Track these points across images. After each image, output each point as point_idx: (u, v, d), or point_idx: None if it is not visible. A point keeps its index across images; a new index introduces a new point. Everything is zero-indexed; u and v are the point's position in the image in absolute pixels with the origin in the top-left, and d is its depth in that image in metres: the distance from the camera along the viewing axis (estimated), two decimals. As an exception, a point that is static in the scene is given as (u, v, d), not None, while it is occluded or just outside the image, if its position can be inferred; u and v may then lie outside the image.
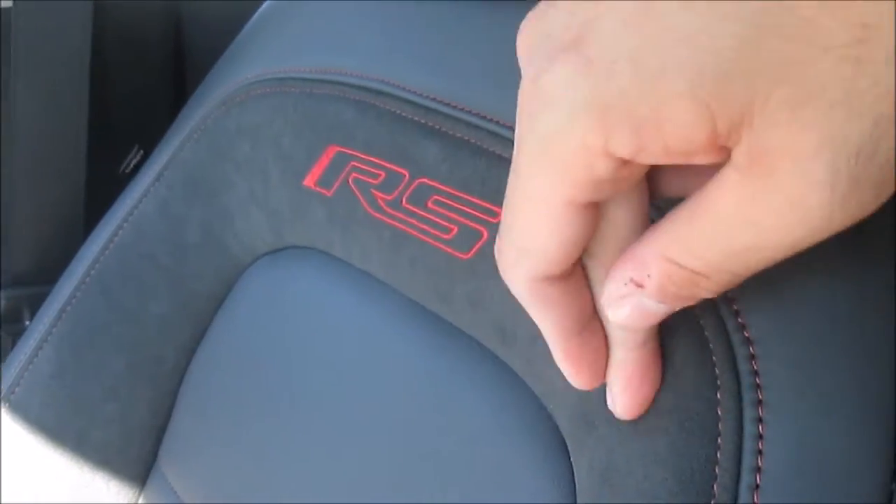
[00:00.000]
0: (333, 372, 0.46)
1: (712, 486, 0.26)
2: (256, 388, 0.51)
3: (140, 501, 0.58)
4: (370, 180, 0.43)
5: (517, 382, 0.37)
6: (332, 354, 0.47)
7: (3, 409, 0.56)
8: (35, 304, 0.62)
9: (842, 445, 0.24)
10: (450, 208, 0.38)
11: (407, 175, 0.41)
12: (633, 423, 0.29)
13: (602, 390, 0.31)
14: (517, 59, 0.22)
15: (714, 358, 0.27)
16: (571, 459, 0.34)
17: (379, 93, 0.44)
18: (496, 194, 0.36)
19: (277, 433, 0.48)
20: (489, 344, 0.38)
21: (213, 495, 0.52)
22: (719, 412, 0.26)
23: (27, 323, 0.70)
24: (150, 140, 0.60)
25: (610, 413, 0.31)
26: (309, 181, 0.48)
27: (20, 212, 0.63)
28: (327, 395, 0.46)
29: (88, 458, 0.56)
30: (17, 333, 0.67)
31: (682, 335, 0.28)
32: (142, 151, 0.62)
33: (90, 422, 0.56)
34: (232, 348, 0.54)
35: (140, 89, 0.65)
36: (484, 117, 0.38)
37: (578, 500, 0.33)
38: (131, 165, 0.63)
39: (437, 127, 0.40)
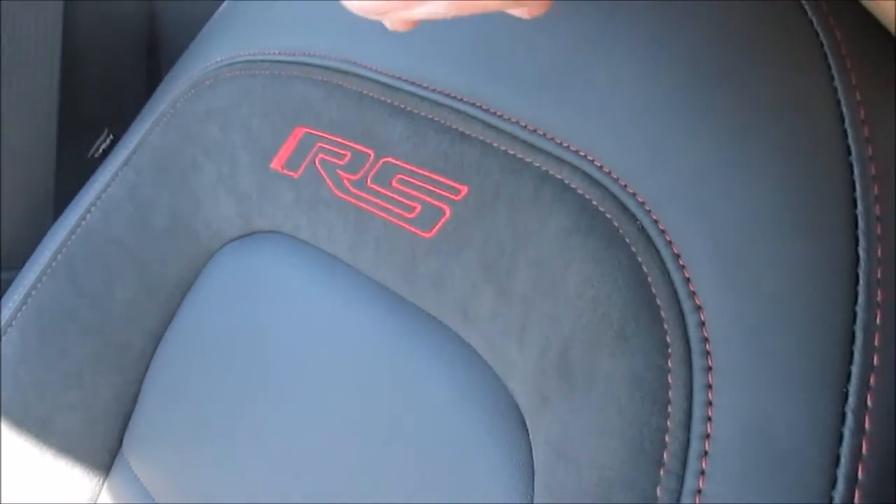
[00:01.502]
0: (300, 356, 0.46)
1: (662, 455, 0.26)
2: (223, 374, 0.51)
3: (104, 489, 0.57)
4: (336, 161, 0.43)
5: (479, 362, 0.37)
6: (299, 338, 0.46)
7: (-35, 395, 0.55)
8: (2, 290, 0.62)
9: (792, 413, 0.24)
10: (413, 186, 0.38)
11: (372, 154, 0.41)
12: (586, 394, 0.29)
13: (557, 362, 0.31)
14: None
15: (665, 326, 0.27)
16: (530, 437, 0.34)
17: (346, 73, 0.44)
18: (459, 171, 0.36)
19: (244, 418, 0.48)
20: (451, 324, 0.38)
21: (176, 482, 0.51)
22: (670, 380, 0.26)
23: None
24: (120, 124, 0.60)
25: (564, 386, 0.30)
26: (276, 164, 0.47)
27: (-12, 197, 0.62)
28: (294, 379, 0.46)
29: (52, 445, 0.56)
30: (-16, 320, 0.66)
31: (632, 304, 0.28)
32: (111, 136, 0.62)
33: (54, 408, 0.56)
34: (199, 334, 0.53)
35: (111, 74, 0.64)
36: (448, 95, 0.38)
37: (536, 477, 0.33)
38: (101, 150, 0.62)
39: (402, 106, 0.40)
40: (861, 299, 0.24)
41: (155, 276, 0.55)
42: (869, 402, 0.24)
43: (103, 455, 0.57)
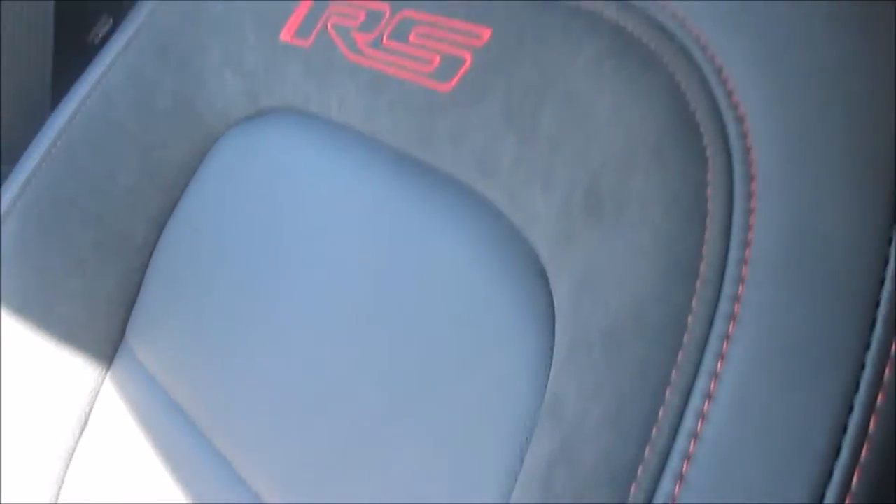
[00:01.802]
0: (312, 233, 0.45)
1: (699, 266, 0.25)
2: (230, 259, 0.50)
3: (106, 379, 0.56)
4: (350, 22, 0.42)
5: (497, 217, 0.36)
6: (309, 216, 0.45)
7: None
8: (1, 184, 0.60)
9: (836, 215, 0.23)
10: (432, 38, 0.37)
11: (388, 10, 0.39)
12: (616, 220, 0.28)
13: (584, 199, 0.30)
14: None
15: (705, 140, 0.26)
16: (550, 287, 0.33)
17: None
18: (481, 14, 0.35)
19: (253, 303, 0.47)
20: (470, 180, 0.37)
21: (183, 369, 0.51)
22: (709, 192, 0.25)
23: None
24: (119, 8, 0.58)
25: (592, 219, 0.30)
26: (286, 34, 0.46)
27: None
28: (306, 259, 0.45)
29: (53, 333, 0.55)
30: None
31: (669, 123, 0.27)
32: (111, 20, 0.60)
33: (55, 296, 0.55)
34: (203, 219, 0.52)
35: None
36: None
37: (557, 322, 0.32)
38: (100, 35, 0.60)
39: (421, -43, 0.38)
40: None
41: (157, 161, 0.54)
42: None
43: (106, 345, 0.56)
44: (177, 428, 0.49)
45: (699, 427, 0.24)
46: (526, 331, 0.34)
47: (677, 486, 0.24)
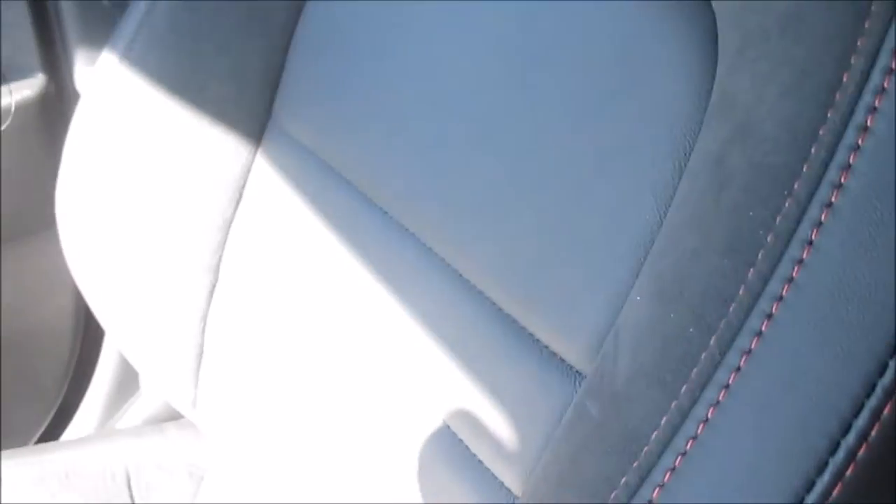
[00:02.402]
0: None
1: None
2: (370, 25, 0.52)
3: (257, 156, 0.60)
4: None
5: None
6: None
7: (123, 67, 0.58)
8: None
9: None
10: None
11: None
12: None
13: None
14: None
15: None
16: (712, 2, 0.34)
17: None
18: None
19: (399, 57, 0.49)
20: None
21: (332, 133, 0.54)
22: None
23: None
24: None
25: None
26: None
27: None
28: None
29: (207, 113, 0.59)
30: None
31: None
32: None
33: (207, 77, 0.58)
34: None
35: None
36: None
37: (721, 35, 0.33)
38: None
39: None
40: None
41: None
42: None
43: (256, 122, 0.60)
44: (331, 188, 0.53)
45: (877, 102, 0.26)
46: (686, 49, 0.35)
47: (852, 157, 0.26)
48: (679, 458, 0.25)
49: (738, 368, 0.25)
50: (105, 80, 0.59)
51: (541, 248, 0.39)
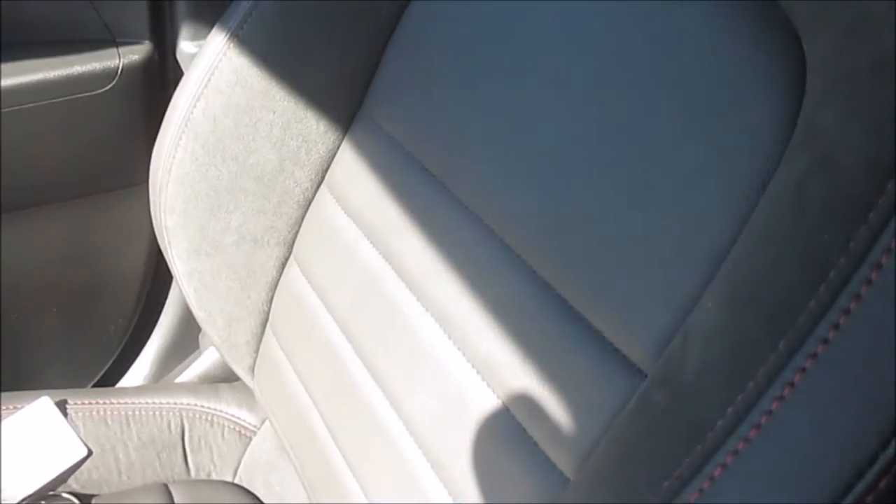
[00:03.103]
0: None
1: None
2: (469, 30, 0.55)
3: (344, 142, 0.64)
4: None
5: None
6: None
7: (231, 44, 0.62)
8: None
9: None
10: None
11: None
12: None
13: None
14: None
15: None
16: (805, 49, 0.37)
17: None
18: None
19: (490, 61, 0.53)
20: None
21: (420, 126, 0.58)
22: None
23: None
24: None
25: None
26: None
27: None
28: (546, 17, 0.50)
29: (302, 95, 0.63)
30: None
31: None
32: None
33: (307, 62, 0.62)
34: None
35: None
36: None
37: (810, 74, 0.36)
38: None
39: None
40: None
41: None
42: None
43: (346, 111, 0.64)
44: (413, 179, 0.56)
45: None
46: (775, 82, 0.38)
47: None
48: (742, 443, 0.28)
49: (804, 369, 0.28)
50: (212, 53, 0.63)
51: (615, 251, 0.43)
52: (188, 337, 0.85)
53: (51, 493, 0.68)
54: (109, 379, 0.86)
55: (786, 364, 0.28)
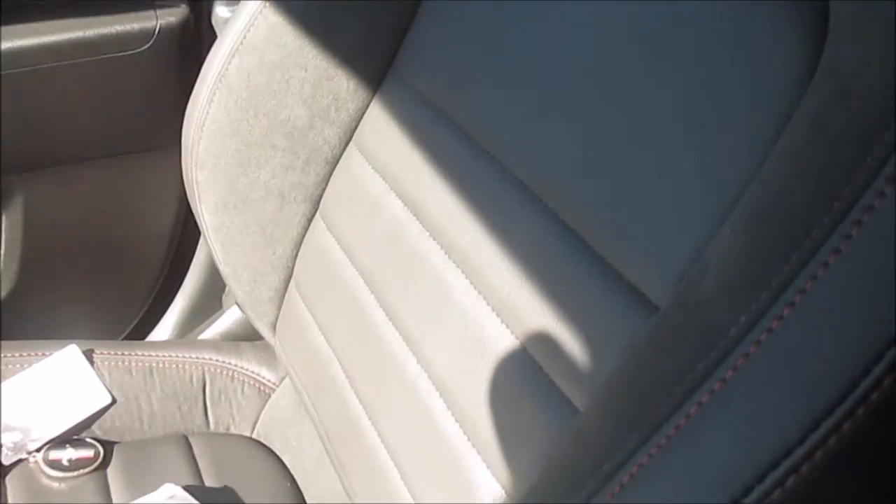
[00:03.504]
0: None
1: None
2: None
3: (375, 98, 0.66)
4: None
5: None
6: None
7: (268, 3, 0.64)
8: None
9: None
10: None
11: None
12: None
13: None
14: None
15: None
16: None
17: None
18: None
19: (521, 24, 0.54)
20: None
21: (451, 82, 0.59)
22: None
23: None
24: None
25: None
26: None
27: None
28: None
29: (335, 55, 0.65)
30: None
31: None
32: None
33: (341, 23, 0.64)
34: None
35: None
36: None
37: (832, 8, 0.37)
38: None
39: None
40: None
41: None
42: None
43: (377, 71, 0.65)
44: (442, 132, 0.58)
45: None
46: (795, 24, 0.39)
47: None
48: (754, 346, 0.29)
49: (815, 277, 0.29)
50: (248, 12, 0.65)
51: (637, 194, 0.44)
52: (212, 297, 0.87)
53: (75, 437, 0.70)
54: (135, 336, 0.88)
55: (798, 272, 0.30)
